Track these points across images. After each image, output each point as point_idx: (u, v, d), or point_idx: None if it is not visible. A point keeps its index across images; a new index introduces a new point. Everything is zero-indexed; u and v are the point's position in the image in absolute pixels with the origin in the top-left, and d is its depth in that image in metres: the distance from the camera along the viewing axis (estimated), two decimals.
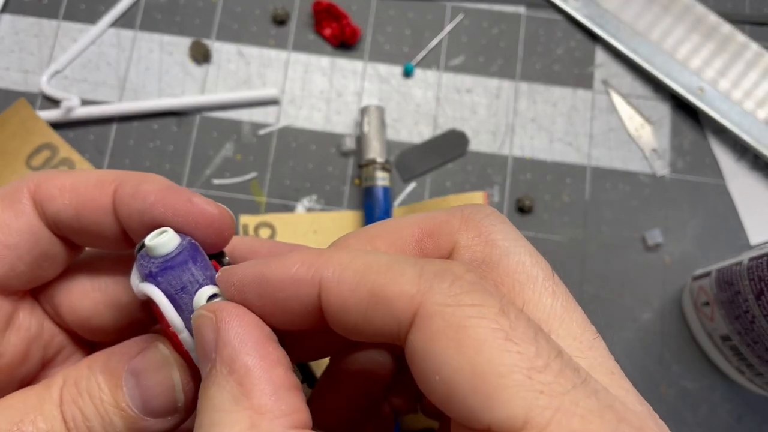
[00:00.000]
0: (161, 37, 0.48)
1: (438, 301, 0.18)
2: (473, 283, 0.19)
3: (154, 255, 0.22)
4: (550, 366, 0.17)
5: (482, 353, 0.17)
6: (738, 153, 0.48)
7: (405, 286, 0.19)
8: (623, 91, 0.49)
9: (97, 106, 0.46)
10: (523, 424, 0.16)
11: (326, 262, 0.20)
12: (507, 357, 0.17)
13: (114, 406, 0.22)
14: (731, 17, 0.49)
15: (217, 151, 0.46)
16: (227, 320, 0.20)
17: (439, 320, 0.18)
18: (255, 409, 0.18)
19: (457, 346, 0.17)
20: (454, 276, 0.19)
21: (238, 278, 0.21)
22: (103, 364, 0.22)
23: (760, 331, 0.36)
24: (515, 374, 0.16)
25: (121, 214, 0.23)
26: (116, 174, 0.24)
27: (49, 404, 0.21)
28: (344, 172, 0.46)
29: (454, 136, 0.47)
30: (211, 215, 0.23)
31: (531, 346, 0.17)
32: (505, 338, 0.17)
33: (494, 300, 0.18)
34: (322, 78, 0.48)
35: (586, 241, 0.46)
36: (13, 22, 0.48)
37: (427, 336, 0.18)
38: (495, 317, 0.17)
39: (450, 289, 0.18)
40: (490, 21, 0.50)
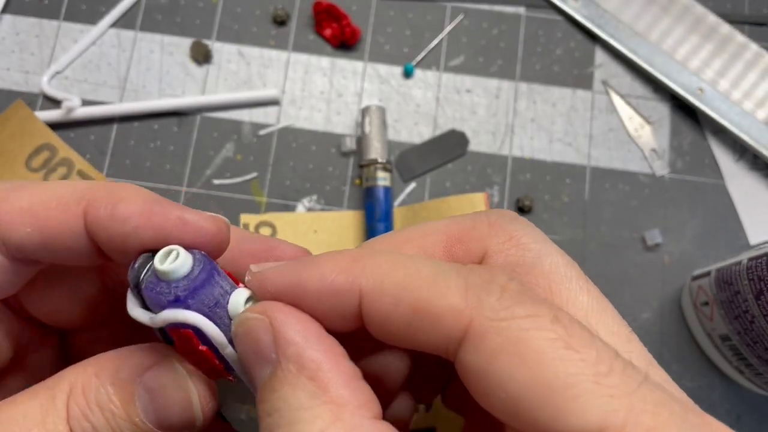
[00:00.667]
0: (162, 37, 0.48)
1: (490, 316, 0.18)
2: (521, 292, 0.18)
3: (172, 279, 0.20)
4: (613, 368, 0.17)
5: (546, 365, 0.17)
6: (737, 153, 0.48)
7: (452, 301, 0.18)
8: (623, 92, 0.49)
9: (97, 107, 0.46)
10: (600, 430, 0.16)
11: (364, 271, 0.19)
12: (571, 366, 0.17)
13: (126, 420, 0.21)
14: (730, 17, 0.49)
15: (217, 151, 0.46)
16: (284, 319, 0.20)
17: (495, 336, 0.17)
18: (335, 402, 0.18)
19: (519, 361, 0.17)
20: (501, 287, 0.18)
21: (272, 285, 0.21)
22: (113, 375, 0.21)
23: (760, 330, 0.37)
24: (583, 383, 0.16)
25: (100, 238, 0.21)
26: (80, 189, 0.22)
27: (54, 417, 0.21)
28: (344, 172, 0.46)
29: (454, 136, 0.47)
30: (208, 233, 0.21)
31: (591, 351, 0.17)
32: (566, 347, 0.17)
33: (546, 308, 0.18)
34: (323, 78, 0.48)
35: (586, 241, 0.46)
36: (14, 23, 0.48)
37: (484, 354, 0.18)
38: (551, 326, 0.17)
39: (500, 302, 0.18)
40: (490, 21, 0.50)
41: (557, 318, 0.18)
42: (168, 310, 0.20)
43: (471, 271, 0.19)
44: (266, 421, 0.19)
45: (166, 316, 0.20)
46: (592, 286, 0.22)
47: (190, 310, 0.20)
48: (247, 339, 0.20)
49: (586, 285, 0.21)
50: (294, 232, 0.44)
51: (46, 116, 0.46)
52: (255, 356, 0.20)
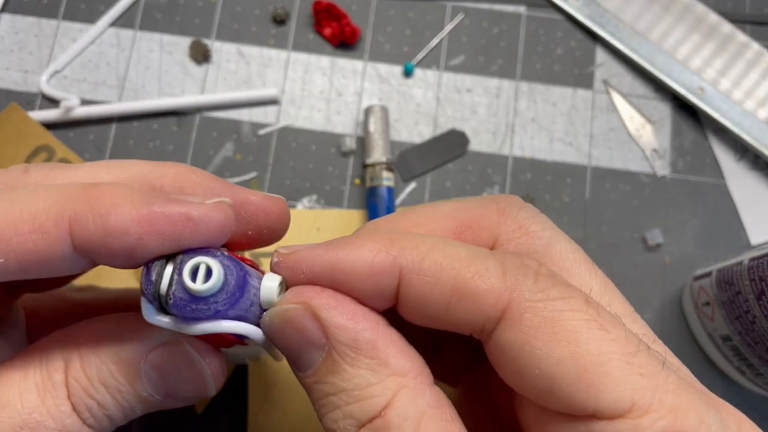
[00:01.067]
0: (161, 36, 0.48)
1: (528, 297, 0.19)
2: (553, 276, 0.19)
3: (209, 296, 0.19)
4: (640, 349, 0.18)
5: (581, 344, 0.18)
6: (738, 153, 0.47)
7: (492, 282, 0.19)
8: (623, 91, 0.49)
9: (96, 106, 0.46)
10: (631, 406, 0.17)
11: (404, 251, 0.20)
12: (604, 345, 0.18)
13: (133, 395, 0.21)
14: (732, 17, 0.49)
15: (217, 150, 0.46)
16: (328, 307, 0.20)
17: (532, 316, 0.18)
18: (397, 373, 0.19)
19: (555, 339, 0.18)
20: (534, 272, 0.19)
21: (308, 268, 0.20)
22: (114, 355, 0.21)
23: (761, 331, 0.36)
24: (615, 361, 0.17)
25: (96, 256, 0.19)
26: (56, 204, 0.19)
27: (53, 397, 0.21)
28: (344, 172, 0.46)
29: (454, 135, 0.47)
30: (218, 225, 0.20)
31: (621, 332, 0.18)
32: (599, 327, 0.18)
33: (577, 290, 0.19)
34: (322, 78, 0.48)
35: (587, 241, 0.45)
36: (13, 22, 0.48)
37: (521, 332, 0.18)
38: (585, 307, 0.18)
39: (536, 284, 0.19)
40: (491, 21, 0.49)
41: (588, 300, 0.19)
42: (207, 324, 0.20)
43: (504, 255, 0.20)
44: (329, 399, 0.20)
45: (205, 328, 0.20)
46: (597, 270, 0.23)
47: (229, 319, 0.20)
48: (290, 329, 0.20)
49: (593, 268, 0.23)
50: (297, 229, 0.44)
51: (44, 116, 0.45)
52: (301, 344, 0.20)
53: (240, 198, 0.23)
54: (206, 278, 0.19)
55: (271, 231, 0.24)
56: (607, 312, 0.19)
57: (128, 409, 0.22)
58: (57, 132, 0.46)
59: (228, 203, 0.21)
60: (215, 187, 0.23)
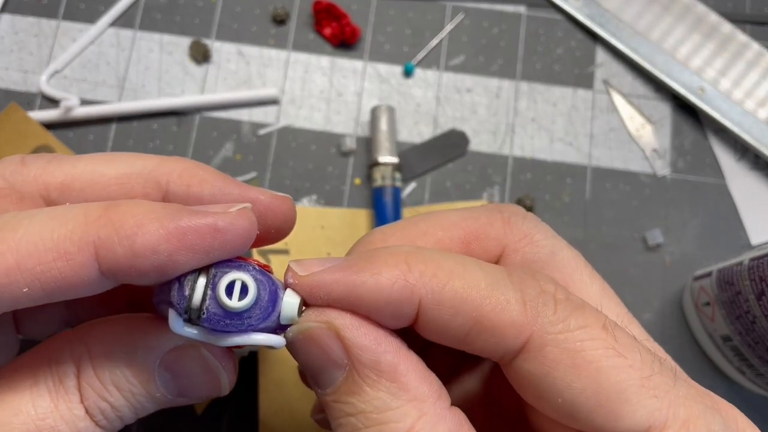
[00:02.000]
0: (161, 36, 0.48)
1: (549, 330, 0.19)
2: (569, 301, 0.20)
3: (243, 311, 0.19)
4: (654, 371, 0.19)
5: (601, 373, 0.19)
6: (739, 153, 0.47)
7: (513, 316, 0.19)
8: (624, 91, 0.49)
9: (96, 106, 0.46)
10: (647, 428, 0.19)
11: (422, 279, 0.20)
12: (622, 373, 0.19)
13: (146, 396, 0.22)
14: (732, 17, 0.49)
15: (217, 150, 0.46)
16: (351, 327, 0.20)
17: (553, 348, 0.19)
18: (417, 398, 0.20)
19: (576, 370, 0.19)
20: (554, 299, 0.20)
21: (325, 293, 0.20)
22: (128, 358, 0.21)
23: (761, 331, 0.36)
24: (632, 387, 0.19)
25: (126, 278, 0.19)
26: (79, 229, 0.18)
27: (66, 402, 0.20)
28: (344, 172, 0.46)
29: (454, 135, 0.47)
30: (244, 233, 0.20)
31: (636, 355, 0.19)
32: (617, 355, 0.19)
33: (594, 316, 0.20)
34: (322, 78, 0.48)
35: (587, 241, 0.45)
36: (13, 22, 0.48)
37: (543, 364, 0.19)
38: (604, 335, 0.19)
39: (556, 314, 0.19)
40: (491, 21, 0.49)
41: (605, 326, 0.19)
42: (238, 337, 0.20)
43: (523, 281, 0.20)
44: (348, 420, 0.20)
45: (235, 341, 0.20)
46: (596, 274, 0.24)
47: (258, 332, 0.20)
48: (312, 347, 0.20)
49: (592, 273, 0.24)
50: (302, 227, 0.44)
51: (44, 116, 0.45)
52: (323, 362, 0.20)
53: (250, 198, 0.23)
54: (241, 295, 0.19)
55: (278, 230, 0.24)
56: (623, 334, 0.20)
57: (140, 408, 0.22)
58: (57, 132, 0.46)
59: (249, 208, 0.21)
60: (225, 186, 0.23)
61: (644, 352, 0.19)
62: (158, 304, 0.21)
